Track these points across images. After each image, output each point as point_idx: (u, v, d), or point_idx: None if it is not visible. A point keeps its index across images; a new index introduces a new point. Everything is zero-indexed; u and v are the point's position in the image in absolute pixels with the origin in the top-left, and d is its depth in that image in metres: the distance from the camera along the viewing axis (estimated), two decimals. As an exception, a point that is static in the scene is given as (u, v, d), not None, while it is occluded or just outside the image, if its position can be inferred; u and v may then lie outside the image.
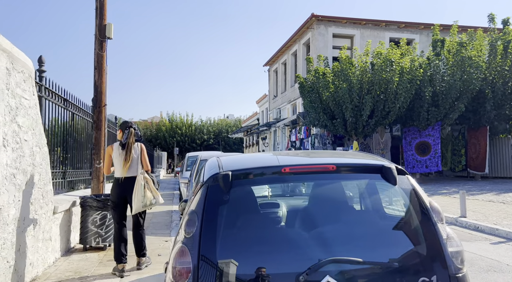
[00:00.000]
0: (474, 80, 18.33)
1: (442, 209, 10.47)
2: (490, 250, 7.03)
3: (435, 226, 2.37)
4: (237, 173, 2.49)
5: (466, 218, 9.55)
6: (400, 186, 2.56)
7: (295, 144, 27.23)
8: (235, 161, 2.91)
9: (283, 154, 3.31)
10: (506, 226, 8.47)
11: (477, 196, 13.71)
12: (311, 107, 20.46)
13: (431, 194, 14.94)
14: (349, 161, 2.88)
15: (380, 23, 25.53)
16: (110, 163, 5.79)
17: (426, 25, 25.20)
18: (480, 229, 8.70)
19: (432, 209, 2.47)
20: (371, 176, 2.68)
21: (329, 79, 19.23)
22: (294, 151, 3.57)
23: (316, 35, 24.71)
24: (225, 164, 2.69)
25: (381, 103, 18.71)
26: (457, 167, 22.04)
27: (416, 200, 2.51)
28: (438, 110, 18.93)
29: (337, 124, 19.45)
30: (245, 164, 2.82)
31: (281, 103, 31.90)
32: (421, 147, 20.39)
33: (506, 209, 10.63)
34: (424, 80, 18.76)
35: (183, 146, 51.46)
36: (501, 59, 19.28)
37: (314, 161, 2.79)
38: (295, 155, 3.39)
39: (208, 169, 2.73)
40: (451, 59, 19.03)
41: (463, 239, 7.85)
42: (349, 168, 2.67)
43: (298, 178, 2.71)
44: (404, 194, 2.58)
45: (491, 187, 16.71)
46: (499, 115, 19.93)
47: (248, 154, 3.64)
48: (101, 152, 7.19)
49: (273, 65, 34.79)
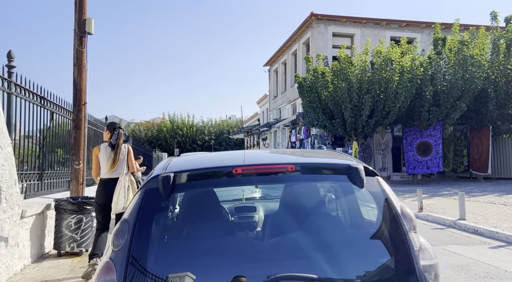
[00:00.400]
0: (476, 79, 17.97)
1: (442, 210, 10.11)
2: (488, 254, 6.67)
3: (405, 236, 2.04)
4: (181, 174, 2.17)
5: (465, 220, 9.19)
6: (367, 189, 2.25)
7: (295, 144, 26.93)
8: (188, 161, 2.59)
9: (250, 153, 2.97)
10: (507, 229, 8.11)
11: (479, 197, 13.34)
12: (310, 107, 20.17)
13: (432, 195, 14.58)
14: (311, 160, 2.56)
15: (381, 22, 25.16)
16: (98, 164, 5.70)
17: (428, 24, 24.81)
18: (479, 232, 8.35)
19: (404, 215, 2.14)
20: (337, 178, 2.37)
21: (328, 78, 18.91)
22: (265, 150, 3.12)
23: (316, 34, 24.37)
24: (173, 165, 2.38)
25: (381, 103, 18.37)
26: (459, 168, 21.67)
27: (386, 205, 2.19)
28: (439, 110, 18.57)
29: (336, 125, 19.13)
30: (195, 164, 2.49)
31: (281, 103, 31.58)
32: (422, 147, 20.02)
33: (507, 211, 10.26)
34: (425, 80, 18.42)
35: (184, 147, 51.21)
36: (503, 58, 18.92)
37: (272, 160, 2.44)
38: (260, 154, 3.04)
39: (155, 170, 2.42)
40: (453, 58, 18.66)
41: (461, 243, 7.50)
42: (310, 168, 2.35)
43: (252, 180, 2.36)
44: (372, 198, 2.26)
45: (493, 188, 16.33)
46: (502, 115, 19.55)
47: (213, 152, 3.28)
48: (80, 152, 6.89)
49: (273, 65, 34.48)
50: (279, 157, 2.83)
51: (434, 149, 19.69)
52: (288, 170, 2.21)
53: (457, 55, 18.51)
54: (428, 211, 10.76)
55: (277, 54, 31.84)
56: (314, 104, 19.77)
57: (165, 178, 2.09)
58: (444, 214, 10.24)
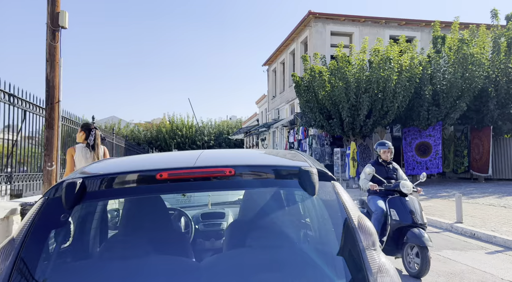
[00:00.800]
0: (476, 78, 17.59)
1: (439, 213, 9.70)
2: (484, 260, 6.30)
3: (362, 254, 1.66)
4: (91, 180, 1.80)
5: (462, 223, 8.82)
6: (320, 197, 1.88)
7: (293, 145, 26.56)
8: (115, 163, 2.19)
9: (180, 155, 2.55)
10: (505, 233, 7.73)
11: (478, 199, 12.95)
12: (307, 107, 19.82)
13: (430, 196, 14.21)
14: (256, 162, 2.16)
15: (380, 21, 24.78)
16: (73, 166, 5.40)
17: (428, 23, 24.41)
18: (476, 236, 7.97)
19: (361, 229, 1.76)
20: (286, 183, 1.98)
21: (325, 78, 18.55)
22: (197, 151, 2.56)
23: (314, 33, 24.00)
24: (93, 168, 2.01)
25: (379, 102, 17.99)
26: (460, 169, 21.30)
27: (340, 217, 1.81)
28: (439, 110, 18.19)
29: (334, 125, 18.76)
30: (114, 168, 2.08)
31: (279, 103, 31.22)
32: (422, 148, 19.63)
33: (507, 214, 9.88)
34: (424, 79, 18.05)
35: (183, 148, 50.85)
36: (504, 56, 18.54)
37: (207, 162, 2.05)
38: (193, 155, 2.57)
39: (69, 175, 2.03)
40: (452, 57, 18.28)
41: (457, 248, 7.13)
42: (253, 172, 1.96)
43: (181, 186, 1.94)
44: (324, 207, 1.89)
45: (494, 189, 15.94)
46: (503, 115, 19.16)
47: (164, 153, 2.89)
48: (53, 153, 6.54)
49: (271, 65, 34.13)
50: (223, 159, 2.41)
51: (433, 149, 19.29)
52: (226, 174, 1.84)
53: (457, 54, 18.12)
54: (425, 213, 10.33)
55: (276, 53, 31.47)
56: (311, 104, 19.42)
57: (70, 184, 1.70)
58: (441, 216, 9.87)
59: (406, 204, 5.70)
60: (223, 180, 1.88)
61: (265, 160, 2.29)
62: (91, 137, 5.37)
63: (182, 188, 2.02)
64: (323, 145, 23.14)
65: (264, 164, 2.13)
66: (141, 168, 2.05)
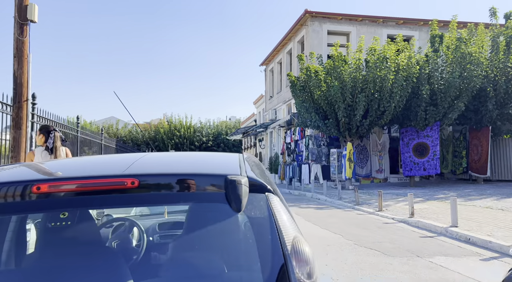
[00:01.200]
0: (474, 78, 17.25)
1: (434, 216, 9.29)
2: (478, 268, 5.93)
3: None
4: None
5: (457, 227, 8.45)
6: (248, 213, 1.51)
7: (290, 145, 26.23)
8: (12, 171, 1.81)
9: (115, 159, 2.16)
10: (501, 238, 7.35)
11: (476, 201, 12.58)
12: (302, 107, 19.49)
13: (427, 198, 13.84)
14: (169, 170, 1.76)
15: (378, 20, 24.42)
16: None
17: (426, 22, 24.02)
18: (471, 241, 7.59)
19: (295, 256, 1.39)
20: (208, 196, 1.58)
21: (321, 77, 18.20)
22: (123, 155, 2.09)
23: (310, 33, 23.65)
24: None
25: (375, 102, 17.65)
26: (458, 170, 20.96)
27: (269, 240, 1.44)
28: (436, 110, 17.83)
29: (330, 125, 18.41)
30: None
31: (276, 103, 30.86)
32: (419, 148, 19.26)
33: (504, 217, 9.51)
34: (421, 78, 17.71)
35: (182, 148, 50.51)
36: (503, 56, 18.18)
37: (107, 171, 1.67)
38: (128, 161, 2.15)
39: None
40: (450, 56, 17.93)
41: (450, 254, 6.75)
42: (166, 183, 1.57)
43: (67, 202, 1.53)
44: (251, 227, 1.51)
45: (492, 191, 15.56)
46: (502, 115, 18.79)
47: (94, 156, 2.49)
48: (21, 154, 6.19)
49: (269, 65, 33.78)
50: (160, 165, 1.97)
51: (431, 150, 18.92)
52: (128, 185, 1.46)
53: (454, 53, 17.77)
54: (420, 216, 10.02)
55: (273, 53, 31.14)
56: (307, 104, 19.10)
57: None
58: (436, 220, 9.50)
59: None
60: (124, 193, 1.48)
61: (183, 168, 1.87)
62: (50, 140, 5.19)
63: (68, 205, 1.57)
64: (320, 145, 22.81)
65: (179, 172, 1.71)
66: (17, 178, 1.64)
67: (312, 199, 16.47)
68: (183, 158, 2.27)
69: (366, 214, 11.35)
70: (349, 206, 12.98)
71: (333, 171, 20.52)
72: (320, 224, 9.50)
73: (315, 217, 10.83)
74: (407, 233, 8.54)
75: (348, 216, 11.00)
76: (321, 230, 8.80)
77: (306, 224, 9.65)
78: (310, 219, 10.32)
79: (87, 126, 44.32)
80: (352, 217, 10.90)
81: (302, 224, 9.63)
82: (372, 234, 8.36)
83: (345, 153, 18.89)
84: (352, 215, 11.31)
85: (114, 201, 1.55)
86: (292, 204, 14.09)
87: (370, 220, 10.32)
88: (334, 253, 6.62)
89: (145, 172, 1.64)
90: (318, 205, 14.06)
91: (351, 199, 14.46)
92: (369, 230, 8.78)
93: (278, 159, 27.93)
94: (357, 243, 7.36)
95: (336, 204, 13.96)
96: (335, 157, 20.34)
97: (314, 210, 12.42)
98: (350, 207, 12.82)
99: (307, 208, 12.94)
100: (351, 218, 10.70)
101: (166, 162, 2.01)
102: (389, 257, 6.37)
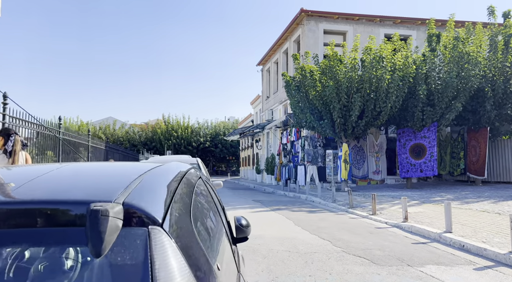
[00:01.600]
0: (472, 78, 16.93)
1: (429, 220, 8.90)
2: (471, 279, 5.58)
3: None
4: None
5: (451, 233, 8.12)
6: (113, 260, 1.07)
7: (286, 146, 25.91)
8: None
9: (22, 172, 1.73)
10: (496, 244, 7.02)
11: (472, 204, 12.25)
12: (297, 107, 19.19)
13: (423, 201, 13.50)
14: (20, 198, 1.24)
15: (375, 19, 24.08)
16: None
17: (424, 21, 23.71)
18: (465, 248, 7.26)
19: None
20: (64, 235, 1.11)
21: (316, 77, 17.89)
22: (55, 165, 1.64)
23: (306, 32, 23.31)
24: None
25: (371, 102, 17.34)
26: (456, 171, 20.65)
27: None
28: (433, 110, 17.51)
29: (325, 126, 18.08)
30: None
31: (273, 104, 30.54)
32: (416, 150, 18.93)
33: (501, 222, 9.18)
34: (418, 78, 17.40)
35: (179, 149, 50.25)
36: (502, 55, 17.86)
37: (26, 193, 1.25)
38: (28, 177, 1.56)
39: None
40: (448, 55, 17.60)
41: (442, 263, 6.41)
42: (7, 215, 1.14)
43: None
44: (116, 279, 1.05)
45: (490, 193, 15.24)
46: (500, 116, 18.46)
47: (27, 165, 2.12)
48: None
49: (266, 65, 33.45)
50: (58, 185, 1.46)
51: (428, 151, 18.59)
52: None
53: (452, 52, 17.45)
54: (414, 220, 9.70)
55: (269, 53, 30.82)
56: (302, 104, 18.78)
57: None
58: (430, 225, 9.18)
59: None
60: None
61: (43, 192, 1.33)
62: (10, 143, 4.98)
63: None
64: (316, 146, 22.49)
65: (32, 198, 1.22)
66: None
67: (306, 201, 16.14)
68: (72, 173, 1.75)
69: (359, 218, 11.02)
70: (342, 209, 12.65)
71: (329, 173, 20.20)
72: (310, 229, 9.16)
73: (306, 221, 10.50)
74: (399, 239, 8.21)
75: (340, 220, 10.67)
76: (310, 235, 8.47)
77: (295, 228, 9.31)
78: (300, 224, 9.99)
79: (83, 126, 43.99)
80: (344, 221, 10.57)
81: (291, 229, 9.31)
82: (363, 239, 8.03)
83: (340, 154, 18.56)
84: (344, 218, 10.98)
85: None
86: (284, 207, 13.76)
87: (363, 224, 9.99)
88: (319, 262, 6.29)
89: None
90: (311, 207, 13.72)
91: (345, 201, 14.14)
92: (360, 236, 8.45)
93: (274, 160, 27.60)
94: (345, 250, 7.03)
95: (330, 207, 13.63)
96: (331, 158, 20.02)
97: (306, 214, 12.08)
98: (343, 210, 12.50)
99: (299, 211, 12.60)
100: (343, 222, 10.37)
101: (44, 182, 1.47)
102: (377, 266, 6.04)
